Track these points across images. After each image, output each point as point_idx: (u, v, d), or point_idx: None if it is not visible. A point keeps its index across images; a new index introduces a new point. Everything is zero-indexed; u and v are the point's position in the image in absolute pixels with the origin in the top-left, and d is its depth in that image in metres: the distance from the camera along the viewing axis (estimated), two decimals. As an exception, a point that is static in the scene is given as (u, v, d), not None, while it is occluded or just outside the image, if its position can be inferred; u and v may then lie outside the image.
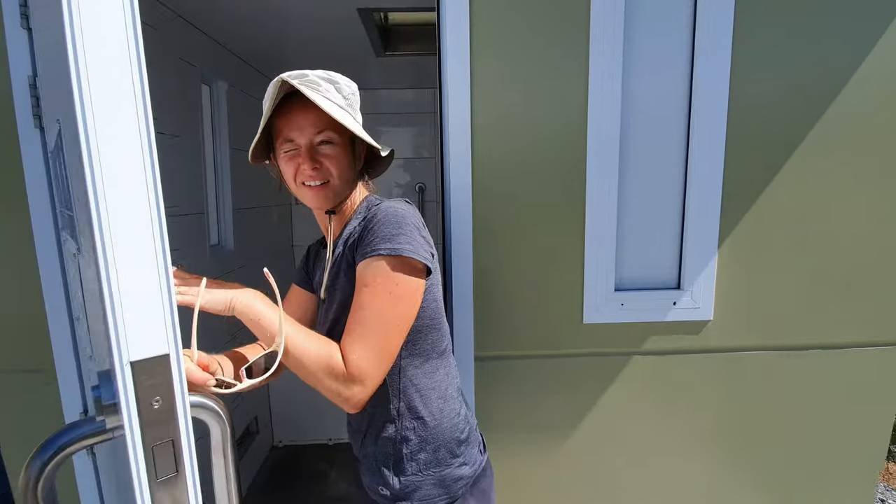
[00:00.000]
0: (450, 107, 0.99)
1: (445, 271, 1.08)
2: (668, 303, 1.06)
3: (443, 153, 1.06)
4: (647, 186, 1.04)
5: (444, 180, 1.06)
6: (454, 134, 0.99)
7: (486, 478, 0.86)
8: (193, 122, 1.87)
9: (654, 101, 1.02)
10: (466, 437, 0.84)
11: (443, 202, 1.07)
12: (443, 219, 1.08)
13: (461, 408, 0.85)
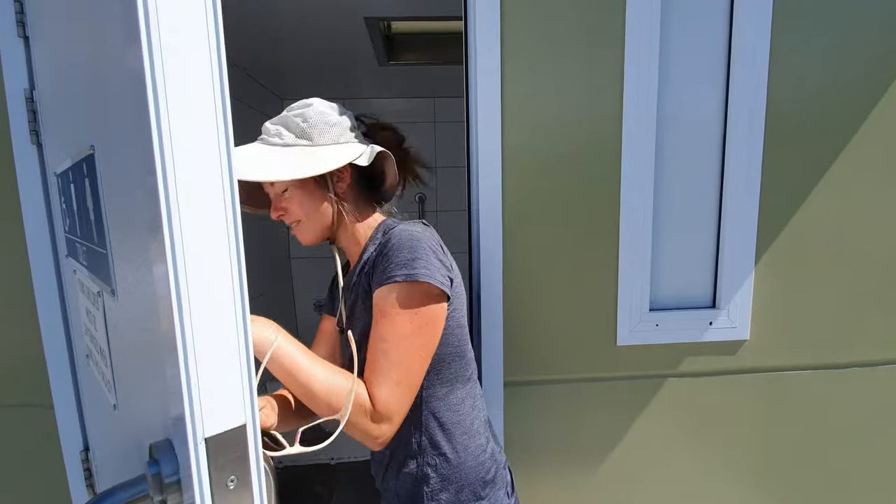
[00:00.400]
0: (479, 119, 0.95)
1: (472, 292, 1.03)
2: (704, 323, 1.03)
3: (469, 167, 1.02)
4: (681, 199, 1.02)
5: (471, 195, 1.02)
6: (484, 147, 0.95)
7: None
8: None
9: (689, 111, 0.99)
10: (493, 477, 0.78)
11: (469, 220, 1.03)
12: (469, 237, 1.03)
13: (488, 444, 0.80)
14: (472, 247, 1.03)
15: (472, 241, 1.02)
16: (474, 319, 1.04)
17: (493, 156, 0.95)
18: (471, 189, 1.01)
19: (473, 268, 1.02)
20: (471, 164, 1.01)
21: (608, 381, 1.03)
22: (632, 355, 1.02)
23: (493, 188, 0.96)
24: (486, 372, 1.00)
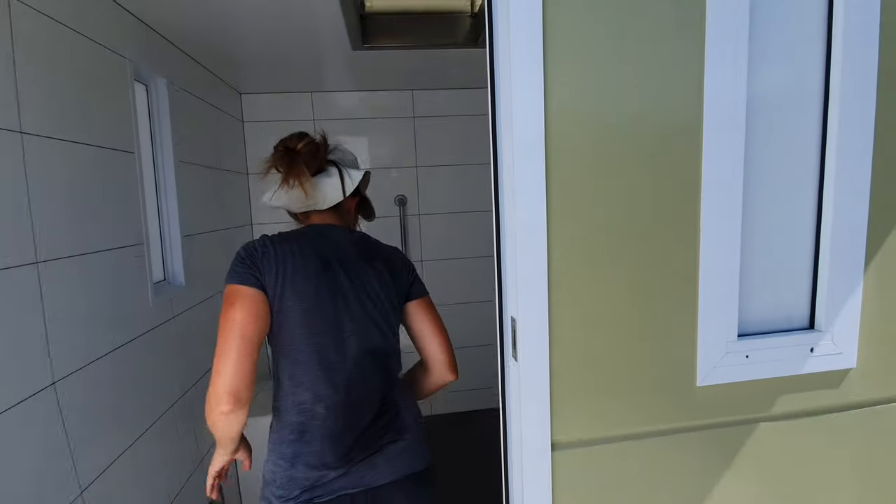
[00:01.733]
0: (514, 108, 0.68)
1: (501, 324, 0.77)
2: (804, 349, 0.80)
3: (496, 169, 0.75)
4: (771, 197, 0.78)
5: (499, 200, 0.75)
6: (521, 143, 0.69)
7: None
8: (124, 130, 1.46)
9: (782, 89, 0.75)
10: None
11: (497, 232, 0.76)
12: (498, 254, 0.76)
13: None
14: (501, 264, 0.76)
15: (501, 258, 0.76)
16: (505, 357, 0.77)
17: (532, 152, 0.69)
18: (499, 193, 0.74)
19: (504, 290, 0.75)
20: (498, 165, 0.74)
21: (685, 433, 0.78)
22: (715, 397, 0.78)
23: (533, 191, 0.69)
24: (527, 430, 0.74)
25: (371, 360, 0.98)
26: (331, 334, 0.94)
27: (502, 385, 0.78)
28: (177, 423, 1.68)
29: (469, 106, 2.84)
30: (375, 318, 0.99)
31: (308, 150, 1.01)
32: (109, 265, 1.34)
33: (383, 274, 1.01)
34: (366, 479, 0.95)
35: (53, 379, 1.10)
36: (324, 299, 0.94)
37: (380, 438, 0.97)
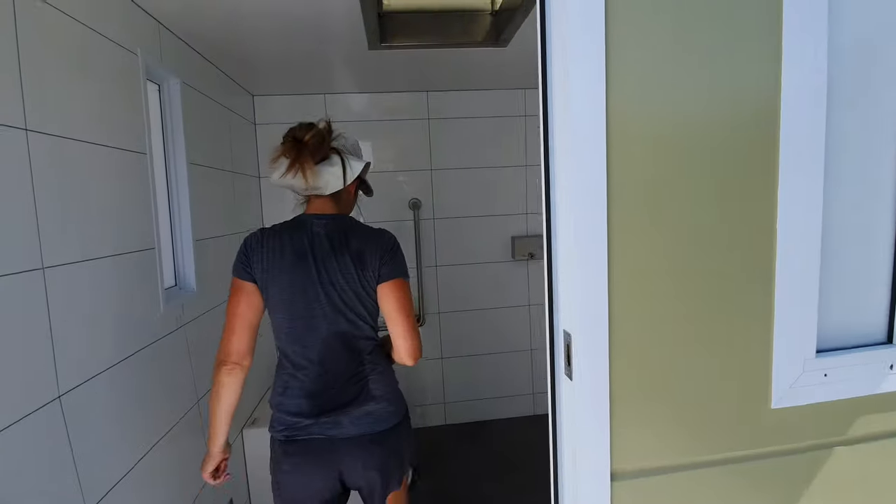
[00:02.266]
0: (571, 106, 0.62)
1: (552, 338, 0.69)
2: (882, 367, 0.72)
3: (548, 172, 0.68)
4: (847, 202, 0.70)
5: (550, 209, 0.68)
6: (579, 143, 0.62)
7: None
8: (136, 131, 1.41)
9: (861, 87, 0.68)
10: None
11: (548, 238, 0.69)
12: (549, 261, 0.69)
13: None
14: (552, 273, 0.68)
15: (553, 266, 0.68)
16: (556, 375, 0.69)
17: (591, 154, 0.62)
18: (551, 196, 0.67)
19: (556, 300, 0.68)
20: (552, 165, 0.67)
21: (758, 461, 0.70)
22: (791, 420, 0.70)
23: (592, 195, 0.62)
24: (583, 457, 0.66)
25: (339, 341, 1.16)
26: (304, 319, 1.15)
27: (553, 405, 0.71)
28: (187, 436, 1.61)
29: (485, 108, 2.78)
30: (340, 307, 1.15)
31: (314, 140, 1.13)
32: (118, 271, 1.28)
33: (349, 267, 1.14)
34: (330, 432, 1.17)
35: (59, 392, 1.04)
36: (297, 290, 1.14)
37: (346, 403, 1.16)
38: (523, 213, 2.90)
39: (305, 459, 1.17)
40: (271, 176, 1.16)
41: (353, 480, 1.21)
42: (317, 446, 1.17)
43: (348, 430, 1.16)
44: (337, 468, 1.18)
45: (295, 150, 1.12)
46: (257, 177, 2.65)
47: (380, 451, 1.19)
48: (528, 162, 2.87)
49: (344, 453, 1.17)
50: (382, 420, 1.19)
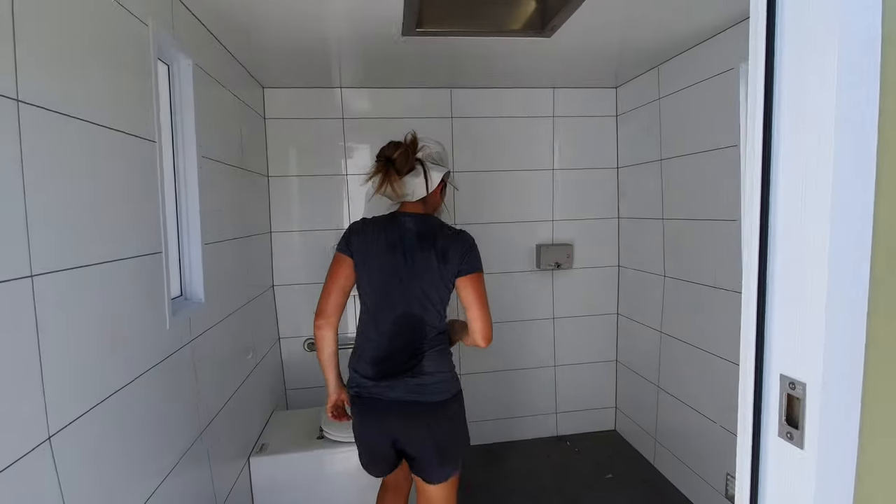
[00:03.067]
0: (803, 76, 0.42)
1: (759, 386, 0.50)
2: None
3: (768, 165, 0.50)
4: None
5: (767, 214, 0.49)
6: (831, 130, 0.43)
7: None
8: (144, 114, 1.19)
9: None
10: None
11: (762, 250, 0.50)
12: (761, 278, 0.50)
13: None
14: (765, 296, 0.49)
15: (766, 287, 0.49)
16: (763, 437, 0.50)
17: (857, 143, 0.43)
18: (770, 196, 0.48)
19: (769, 334, 0.49)
20: (773, 155, 0.48)
21: None
22: None
23: (852, 194, 0.43)
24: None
25: (408, 322, 1.35)
26: (384, 299, 1.36)
27: (753, 479, 0.51)
28: (193, 470, 1.38)
29: (513, 107, 2.61)
30: (417, 294, 1.34)
31: (401, 158, 1.33)
32: (120, 279, 1.06)
33: (432, 261, 1.33)
34: (386, 394, 1.36)
35: (49, 432, 0.82)
36: (384, 273, 1.35)
37: (402, 372, 1.34)
38: (549, 219, 2.72)
39: (366, 414, 1.39)
40: (368, 191, 1.46)
41: (406, 445, 1.38)
42: (375, 404, 1.37)
43: (400, 394, 1.34)
44: (389, 428, 1.37)
45: (384, 168, 1.33)
46: (266, 175, 2.43)
47: (429, 421, 1.35)
48: (557, 165, 2.70)
49: (395, 414, 1.35)
50: (431, 393, 1.34)
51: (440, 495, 1.40)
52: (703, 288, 2.07)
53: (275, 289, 2.52)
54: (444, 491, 1.40)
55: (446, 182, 1.47)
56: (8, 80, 0.75)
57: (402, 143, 1.35)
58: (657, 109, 2.32)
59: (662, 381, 2.42)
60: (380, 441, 1.39)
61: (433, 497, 1.40)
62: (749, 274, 0.50)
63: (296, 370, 2.59)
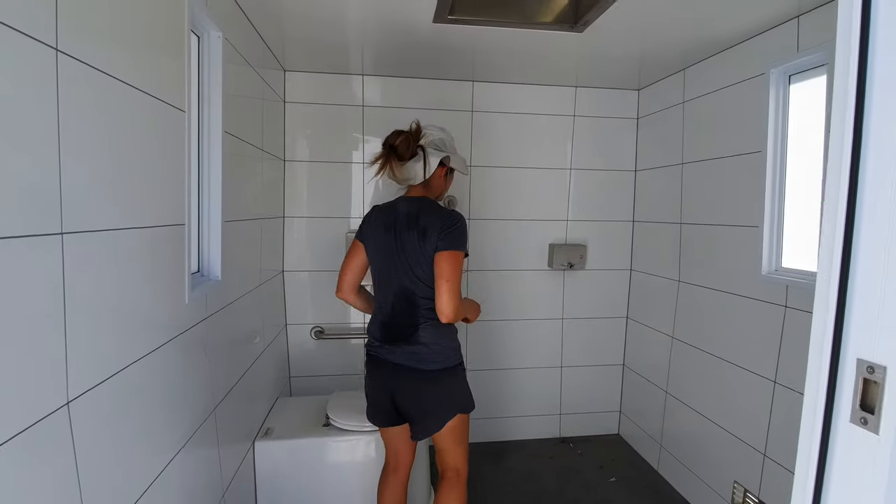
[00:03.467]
0: None
1: (834, 368, 0.48)
2: None
3: (858, 151, 0.48)
4: None
5: (856, 195, 0.47)
6: None
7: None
8: (176, 82, 1.18)
9: None
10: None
11: (848, 231, 0.48)
12: (845, 256, 0.48)
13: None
14: (849, 274, 0.47)
15: (850, 265, 0.47)
16: (834, 423, 0.48)
17: None
18: (859, 174, 0.47)
19: (848, 316, 0.47)
20: (864, 135, 0.47)
21: None
22: None
23: None
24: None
25: (403, 294, 1.48)
26: (384, 275, 1.52)
27: (821, 466, 0.49)
28: (203, 448, 1.36)
29: (534, 104, 2.60)
30: (406, 269, 1.46)
31: (402, 144, 1.45)
32: (144, 247, 1.04)
33: (416, 240, 1.44)
34: (389, 356, 1.50)
35: (68, 397, 0.80)
36: (381, 254, 1.51)
37: (401, 339, 1.48)
38: (564, 219, 2.71)
39: (372, 371, 1.57)
40: (372, 175, 1.61)
41: (399, 403, 1.52)
42: (380, 363, 1.53)
43: (399, 358, 1.48)
44: (389, 386, 1.52)
45: (386, 154, 1.46)
46: (283, 160, 2.41)
47: (420, 385, 1.47)
48: (574, 165, 2.68)
49: (394, 375, 1.50)
50: (425, 361, 1.46)
51: (439, 440, 1.52)
52: (719, 294, 2.05)
53: (284, 274, 2.50)
54: (442, 440, 1.51)
55: (450, 167, 1.54)
56: (49, 31, 0.73)
57: (405, 131, 1.46)
58: (681, 113, 2.30)
59: (671, 387, 2.40)
60: (381, 396, 1.55)
61: (434, 442, 1.54)
62: (830, 256, 0.48)
63: (301, 358, 2.57)
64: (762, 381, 1.81)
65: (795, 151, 1.74)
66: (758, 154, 1.82)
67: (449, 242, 1.40)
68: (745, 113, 1.89)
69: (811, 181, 1.65)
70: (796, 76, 1.71)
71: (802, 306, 1.66)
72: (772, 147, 1.77)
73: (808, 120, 1.67)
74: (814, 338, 0.50)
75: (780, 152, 1.76)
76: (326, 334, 2.54)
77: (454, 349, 1.50)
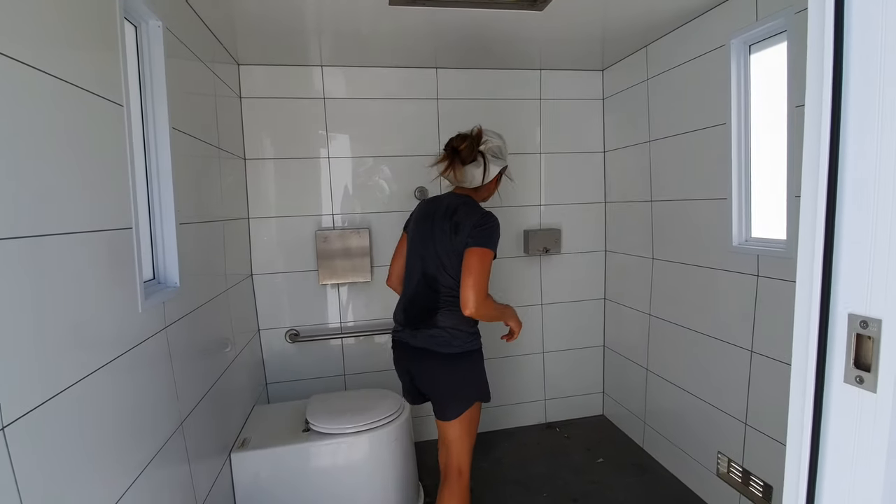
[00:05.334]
0: None
1: (824, 326, 0.46)
2: None
3: (839, 102, 0.45)
4: None
5: (839, 136, 0.44)
6: None
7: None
8: (111, 75, 1.08)
9: None
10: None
11: (832, 177, 0.45)
12: (830, 207, 0.45)
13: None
14: (834, 221, 0.44)
15: (835, 214, 0.44)
16: (827, 382, 0.46)
17: None
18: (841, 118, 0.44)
19: (836, 269, 0.44)
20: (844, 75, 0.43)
21: None
22: None
23: None
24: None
25: (426, 282, 1.56)
26: (413, 261, 1.61)
27: (816, 426, 0.47)
28: (172, 466, 1.28)
29: (499, 89, 2.56)
30: (434, 258, 1.54)
31: (467, 149, 1.52)
32: (82, 254, 0.95)
33: (447, 232, 1.51)
34: (409, 340, 1.59)
35: (2, 423, 0.71)
36: (416, 242, 1.60)
37: (419, 323, 1.56)
38: (537, 204, 2.69)
39: (396, 354, 1.67)
40: (433, 171, 1.62)
41: (419, 385, 1.63)
42: (403, 347, 1.62)
43: (419, 342, 1.56)
44: (409, 369, 1.63)
45: (450, 157, 1.53)
46: (243, 158, 2.31)
47: (436, 368, 1.54)
48: (544, 149, 2.66)
49: (413, 358, 1.59)
50: (441, 344, 1.52)
51: (447, 431, 1.57)
52: (692, 268, 2.07)
53: (253, 277, 2.40)
54: (452, 429, 1.56)
55: (502, 174, 1.65)
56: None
57: (469, 135, 1.53)
58: (645, 90, 2.30)
59: (651, 364, 2.41)
60: (404, 378, 1.68)
61: (442, 431, 1.60)
62: (813, 204, 0.45)
63: (277, 363, 2.48)
64: (739, 352, 1.83)
65: (759, 121, 1.75)
66: (722, 126, 1.83)
67: (479, 240, 1.44)
68: (708, 86, 1.89)
69: (776, 149, 1.66)
70: (756, 45, 1.72)
71: (774, 274, 1.67)
72: (735, 118, 1.77)
73: (771, 88, 1.68)
74: (799, 294, 0.47)
75: (743, 123, 1.77)
76: (302, 337, 2.46)
77: (472, 335, 1.55)
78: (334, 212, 2.45)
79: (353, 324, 2.54)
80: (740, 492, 1.86)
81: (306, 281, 2.45)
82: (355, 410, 1.95)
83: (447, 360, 1.51)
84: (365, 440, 1.86)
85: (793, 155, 1.56)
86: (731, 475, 1.91)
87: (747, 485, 1.82)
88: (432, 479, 2.29)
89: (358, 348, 2.55)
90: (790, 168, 1.57)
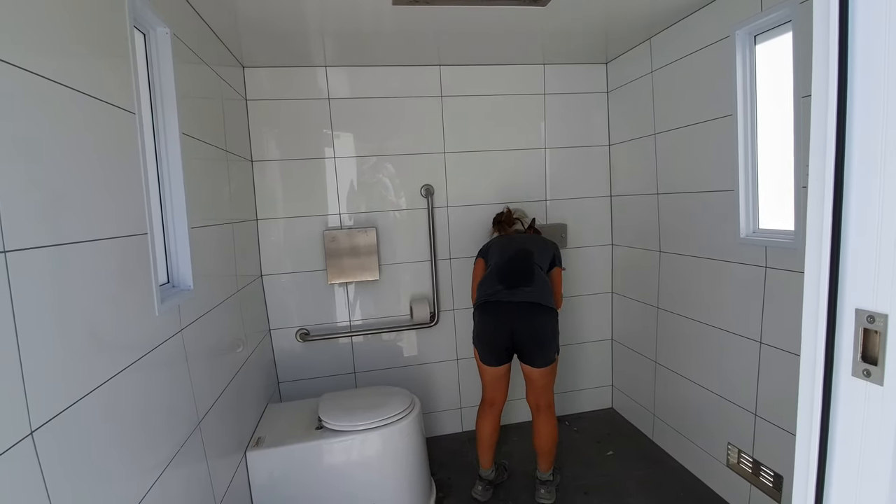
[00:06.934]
0: None
1: (832, 321, 0.47)
2: None
3: (845, 83, 0.45)
4: None
5: (844, 140, 0.45)
6: None
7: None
8: (122, 83, 1.10)
9: None
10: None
11: (838, 178, 0.46)
12: (837, 207, 0.46)
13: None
14: (841, 225, 0.45)
15: (842, 212, 0.45)
16: (836, 377, 0.47)
17: None
18: (847, 121, 0.44)
19: (843, 267, 0.45)
20: (849, 82, 0.44)
21: None
22: None
23: None
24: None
25: (522, 255, 2.04)
26: (503, 249, 2.09)
27: (824, 418, 0.48)
28: (191, 464, 1.31)
29: (503, 85, 2.56)
30: (525, 249, 2.07)
31: (505, 221, 2.24)
32: (102, 261, 0.97)
33: (540, 244, 2.10)
34: (509, 298, 1.93)
35: (31, 427, 0.74)
36: (503, 247, 2.10)
37: (520, 283, 1.96)
38: (542, 199, 2.69)
39: (491, 314, 1.97)
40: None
41: (518, 337, 1.92)
42: (499, 306, 1.95)
43: (519, 297, 1.92)
44: (510, 324, 1.92)
45: (500, 225, 2.26)
46: (250, 160, 2.33)
47: (537, 318, 1.91)
48: (548, 144, 2.66)
49: (515, 313, 1.91)
50: (540, 297, 1.93)
51: (540, 377, 1.97)
52: (700, 260, 2.07)
53: (263, 278, 2.43)
54: (544, 376, 1.97)
55: (533, 227, 2.29)
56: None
57: (509, 212, 2.26)
58: (650, 83, 2.29)
59: (660, 357, 2.42)
60: (499, 336, 1.94)
61: (535, 378, 1.97)
62: (820, 200, 0.46)
63: (289, 362, 2.51)
64: (748, 343, 1.83)
65: (765, 112, 1.74)
66: (728, 118, 1.82)
67: (561, 262, 2.12)
68: (713, 77, 1.88)
69: (782, 140, 1.66)
70: (762, 35, 1.71)
71: (782, 265, 1.67)
72: (741, 109, 1.77)
73: (776, 78, 1.67)
74: (807, 290, 0.48)
75: (749, 114, 1.77)
76: (312, 336, 2.49)
77: (554, 300, 2.00)
78: (341, 211, 2.47)
79: (361, 322, 2.56)
80: (751, 482, 1.87)
81: (315, 280, 2.48)
82: (367, 407, 1.98)
83: (547, 312, 1.92)
84: (377, 437, 1.88)
85: (800, 145, 1.55)
86: (741, 465, 1.92)
87: (757, 475, 1.83)
88: (444, 474, 2.31)
89: (367, 346, 2.58)
90: (797, 158, 1.57)
